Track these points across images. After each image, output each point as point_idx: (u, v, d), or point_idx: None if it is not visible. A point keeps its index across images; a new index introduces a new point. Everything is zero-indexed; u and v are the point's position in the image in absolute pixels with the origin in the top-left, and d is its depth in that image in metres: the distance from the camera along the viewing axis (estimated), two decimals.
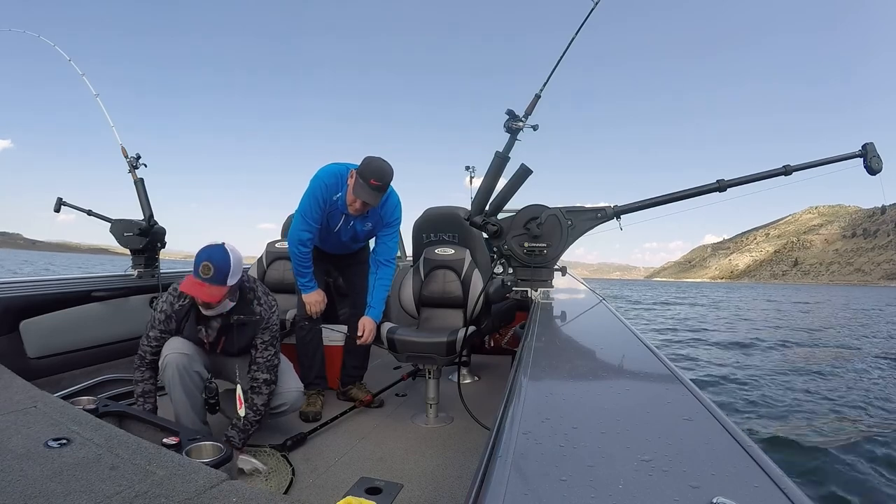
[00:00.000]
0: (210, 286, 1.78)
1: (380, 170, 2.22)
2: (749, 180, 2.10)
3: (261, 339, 1.97)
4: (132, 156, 3.02)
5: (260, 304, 1.99)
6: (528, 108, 2.04)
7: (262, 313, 1.98)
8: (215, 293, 1.79)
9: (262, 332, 1.97)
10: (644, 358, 1.17)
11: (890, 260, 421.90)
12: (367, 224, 2.49)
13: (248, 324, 1.97)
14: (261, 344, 1.98)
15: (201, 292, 1.78)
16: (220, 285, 1.80)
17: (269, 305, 2.01)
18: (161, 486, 0.87)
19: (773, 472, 0.54)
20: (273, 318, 2.01)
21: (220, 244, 1.85)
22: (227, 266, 1.80)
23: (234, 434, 1.89)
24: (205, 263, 1.77)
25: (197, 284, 1.78)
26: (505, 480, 0.53)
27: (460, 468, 1.93)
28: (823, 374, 7.75)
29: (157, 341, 1.96)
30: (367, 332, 2.43)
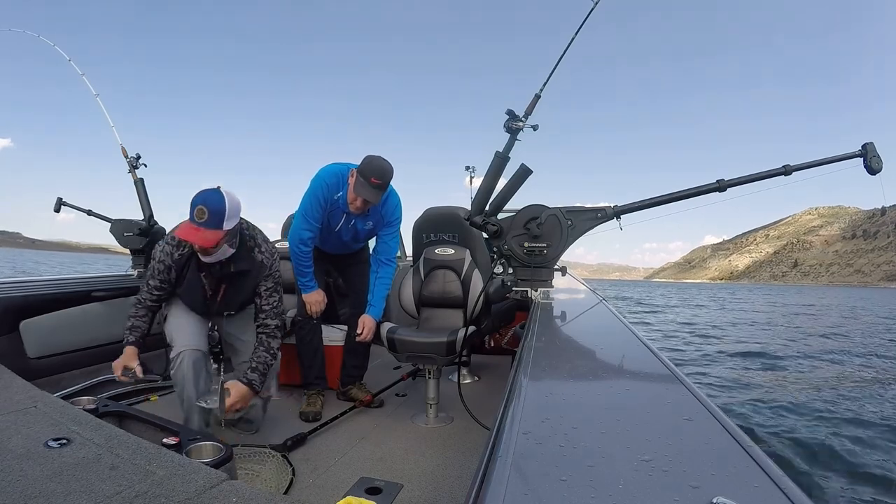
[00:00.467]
0: (206, 230, 1.73)
1: (380, 168, 2.24)
2: (749, 180, 2.10)
3: (264, 286, 1.97)
4: (132, 156, 3.02)
5: (261, 252, 1.96)
6: (528, 108, 2.04)
7: (265, 261, 1.96)
8: (210, 237, 1.75)
9: (266, 280, 1.97)
10: (644, 358, 1.17)
11: (890, 261, 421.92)
12: (369, 223, 2.49)
13: (249, 272, 1.94)
14: (265, 291, 1.97)
15: (197, 237, 1.74)
16: (216, 229, 1.75)
17: (271, 252, 2.00)
18: (161, 486, 0.87)
19: (773, 472, 0.54)
20: (275, 264, 2.00)
21: (215, 188, 1.79)
22: (222, 209, 1.74)
23: (255, 377, 1.89)
24: (199, 207, 1.72)
25: (192, 229, 1.73)
26: (505, 480, 0.53)
27: (460, 468, 1.93)
28: (824, 374, 7.75)
29: (158, 290, 1.94)
30: (366, 330, 2.44)
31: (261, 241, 1.99)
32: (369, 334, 2.45)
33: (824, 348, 11.27)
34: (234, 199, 1.80)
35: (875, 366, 8.72)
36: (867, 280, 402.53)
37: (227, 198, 1.77)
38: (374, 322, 2.48)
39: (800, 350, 10.71)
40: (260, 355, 1.96)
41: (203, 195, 1.75)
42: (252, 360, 1.95)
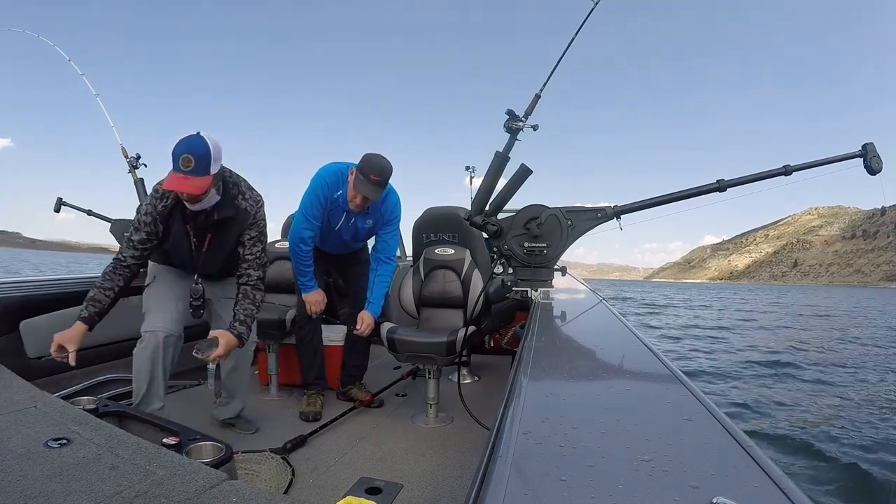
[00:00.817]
0: (194, 178, 1.69)
1: (379, 165, 2.25)
2: (749, 180, 2.10)
3: (248, 234, 1.93)
4: (132, 156, 3.02)
5: (245, 200, 1.92)
6: (528, 108, 2.04)
7: (248, 208, 1.92)
8: (201, 184, 1.71)
9: (250, 228, 1.93)
10: (644, 358, 1.17)
11: (890, 261, 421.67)
12: (368, 221, 2.50)
13: (234, 219, 1.91)
14: (248, 240, 1.94)
15: (186, 185, 1.69)
16: (204, 175, 1.71)
17: (255, 200, 1.96)
18: (161, 486, 0.87)
19: (773, 472, 0.54)
20: (260, 213, 1.96)
21: (195, 134, 1.74)
22: (207, 154, 1.70)
23: (243, 329, 1.88)
24: (185, 156, 1.67)
25: (180, 179, 1.68)
26: (505, 480, 0.53)
27: (460, 468, 1.93)
28: (825, 374, 7.75)
29: (143, 244, 1.87)
30: (364, 325, 2.44)
31: (244, 189, 1.94)
32: (367, 329, 2.45)
33: (827, 348, 11.27)
34: (216, 142, 1.75)
35: (878, 366, 8.72)
36: (867, 280, 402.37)
37: (210, 141, 1.72)
38: (373, 318, 2.48)
39: (800, 350, 10.72)
40: (245, 307, 1.92)
41: (186, 143, 1.70)
42: (238, 312, 1.91)
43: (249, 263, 1.95)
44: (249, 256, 1.95)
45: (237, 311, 1.91)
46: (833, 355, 10.06)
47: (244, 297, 1.94)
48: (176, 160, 1.68)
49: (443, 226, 2.82)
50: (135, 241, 1.86)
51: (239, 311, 1.92)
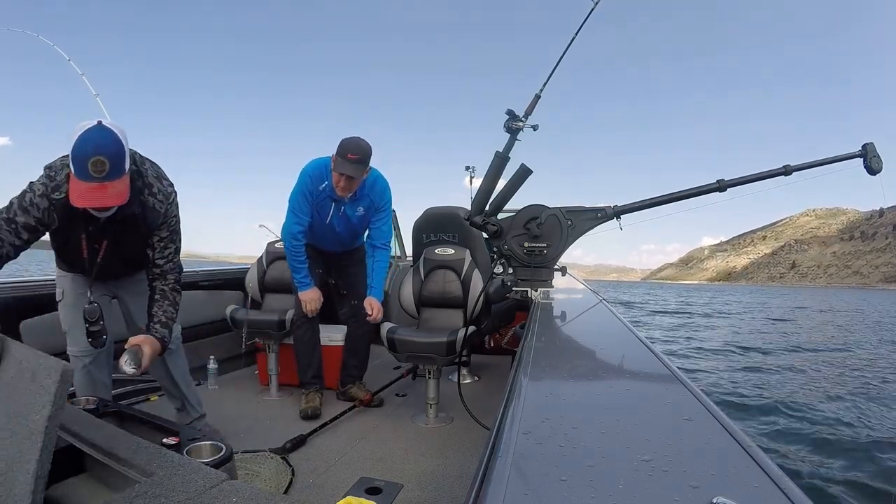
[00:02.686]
0: (112, 184, 1.34)
1: (356, 144, 2.29)
2: (749, 180, 2.10)
3: (158, 235, 1.62)
4: None
5: (153, 195, 1.56)
6: (528, 108, 2.04)
7: (157, 206, 1.57)
8: (120, 189, 1.37)
9: (160, 229, 1.61)
10: (644, 358, 1.17)
11: (888, 263, 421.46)
12: (359, 209, 2.50)
13: (139, 220, 1.55)
14: (158, 242, 1.63)
15: (105, 198, 1.34)
16: (122, 177, 1.37)
17: (165, 195, 1.60)
18: (161, 486, 0.87)
19: (773, 472, 0.54)
20: (171, 209, 1.62)
21: (95, 126, 1.35)
22: (119, 149, 1.35)
23: (165, 332, 1.57)
24: (95, 159, 1.30)
25: (94, 190, 1.32)
26: (505, 480, 0.53)
27: (460, 468, 1.93)
28: (826, 375, 7.75)
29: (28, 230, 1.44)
30: (375, 310, 2.48)
31: (151, 180, 1.56)
32: (379, 314, 2.49)
33: (826, 348, 11.28)
34: (122, 130, 1.40)
35: (880, 366, 8.72)
36: (866, 282, 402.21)
37: (118, 132, 1.37)
38: (379, 303, 2.51)
39: (802, 350, 10.72)
40: (165, 308, 1.62)
41: (93, 143, 1.32)
42: (156, 313, 1.60)
43: (161, 268, 1.65)
44: (160, 260, 1.64)
45: (155, 313, 1.61)
46: (835, 356, 10.06)
47: (162, 297, 1.64)
48: (82, 166, 1.31)
49: (443, 226, 2.82)
50: (19, 223, 1.43)
51: (158, 311, 1.61)
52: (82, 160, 1.31)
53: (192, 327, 2.91)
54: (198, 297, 3.10)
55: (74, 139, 1.33)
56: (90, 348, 1.74)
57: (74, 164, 1.33)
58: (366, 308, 2.48)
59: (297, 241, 2.47)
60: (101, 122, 1.37)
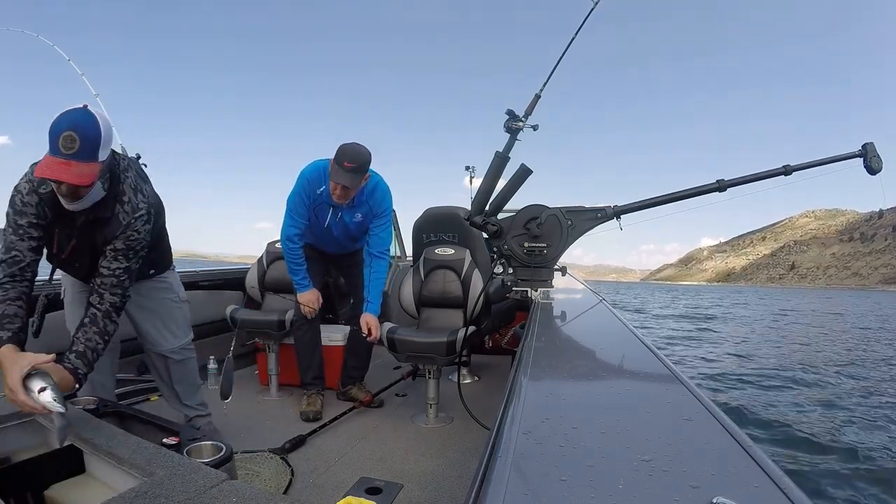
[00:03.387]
0: (78, 164, 1.28)
1: (353, 151, 2.22)
2: (749, 180, 2.10)
3: (112, 245, 1.49)
4: (132, 156, 3.02)
5: (122, 205, 1.49)
6: (528, 108, 2.04)
7: (122, 217, 1.49)
8: (86, 172, 1.30)
9: (115, 239, 1.49)
10: (644, 358, 1.17)
11: (888, 264, 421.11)
12: (357, 215, 2.47)
13: (104, 225, 1.49)
14: (110, 251, 1.49)
15: (68, 173, 1.27)
16: (91, 161, 1.31)
17: (134, 208, 1.51)
18: (161, 486, 0.87)
19: (773, 472, 0.54)
20: (135, 224, 1.51)
21: (79, 107, 1.34)
22: (96, 133, 1.31)
23: (80, 364, 1.37)
24: (67, 134, 1.27)
25: (59, 164, 1.27)
26: (505, 480, 0.53)
27: (460, 468, 1.93)
28: (827, 374, 7.75)
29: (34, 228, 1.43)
30: (374, 329, 2.39)
31: (127, 189, 1.50)
32: (377, 332, 2.40)
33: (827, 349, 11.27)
34: (108, 121, 1.37)
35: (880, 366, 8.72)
36: (865, 283, 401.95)
37: (101, 120, 1.34)
38: (376, 319, 2.46)
39: (801, 350, 10.72)
40: (90, 336, 1.43)
41: (69, 118, 1.29)
42: (79, 339, 1.41)
43: (103, 280, 1.48)
44: (105, 271, 1.48)
45: (76, 339, 1.42)
46: (836, 356, 10.06)
47: (91, 322, 1.45)
48: (54, 139, 1.27)
49: (443, 226, 2.82)
50: (23, 226, 1.42)
51: (80, 338, 1.42)
52: (55, 133, 1.28)
53: (192, 327, 2.90)
54: (198, 297, 3.09)
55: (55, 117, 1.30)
56: None
57: (49, 137, 1.28)
58: (362, 327, 2.39)
59: (293, 243, 2.45)
60: (86, 106, 1.34)
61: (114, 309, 1.49)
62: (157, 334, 1.90)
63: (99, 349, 1.44)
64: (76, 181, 1.30)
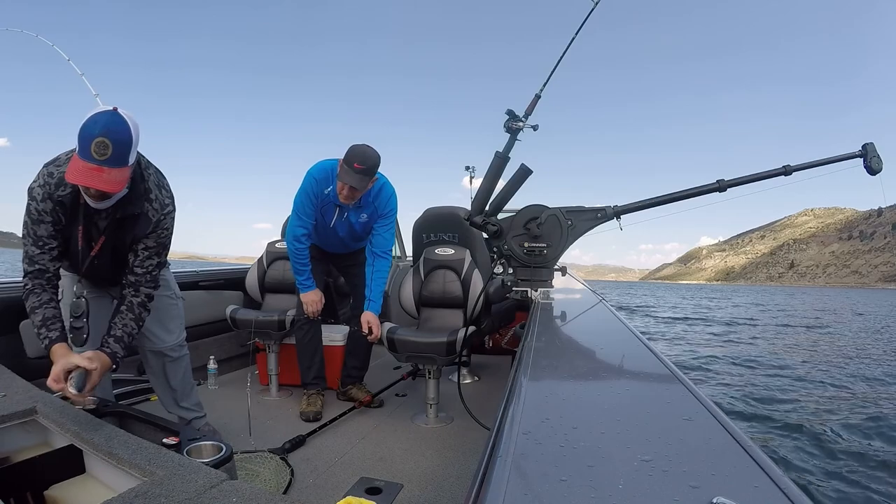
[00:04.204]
0: (110, 171, 1.30)
1: (362, 153, 2.22)
2: (749, 180, 2.10)
3: (143, 244, 1.56)
4: None
5: (150, 202, 1.54)
6: (528, 109, 2.04)
7: (151, 214, 1.54)
8: (118, 178, 1.33)
9: (147, 238, 1.56)
10: (644, 358, 1.17)
11: (887, 262, 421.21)
12: (363, 215, 2.48)
13: (133, 222, 1.53)
14: (143, 251, 1.57)
15: (101, 181, 1.30)
16: (122, 167, 1.33)
17: (162, 205, 1.57)
18: (161, 486, 0.87)
19: (773, 472, 0.54)
20: (165, 221, 1.58)
21: (109, 110, 1.35)
22: (127, 138, 1.33)
23: (118, 348, 1.49)
24: (100, 140, 1.28)
25: (92, 171, 1.29)
26: (505, 480, 0.53)
27: (460, 468, 1.93)
28: (827, 374, 7.75)
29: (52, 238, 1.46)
30: (374, 328, 2.38)
31: (152, 186, 1.54)
32: (378, 331, 2.39)
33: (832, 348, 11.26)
34: (136, 123, 1.38)
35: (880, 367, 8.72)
36: (864, 281, 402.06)
37: (131, 123, 1.35)
38: (377, 318, 2.45)
39: (802, 350, 10.72)
40: (126, 322, 1.54)
41: (101, 122, 1.30)
42: (115, 325, 1.52)
43: (138, 278, 1.58)
44: (139, 270, 1.57)
45: (114, 325, 1.53)
46: (837, 356, 10.06)
47: (128, 309, 1.56)
48: (86, 144, 1.28)
49: (443, 226, 2.82)
50: (42, 237, 1.46)
51: (117, 324, 1.53)
52: (87, 138, 1.29)
53: (192, 327, 2.90)
54: (198, 297, 3.10)
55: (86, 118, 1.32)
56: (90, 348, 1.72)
57: (79, 142, 1.30)
58: (363, 326, 2.38)
59: (300, 243, 2.45)
60: (116, 109, 1.36)
61: (148, 300, 1.61)
62: (154, 331, 1.90)
63: (134, 333, 1.56)
64: (109, 188, 1.32)
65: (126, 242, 1.57)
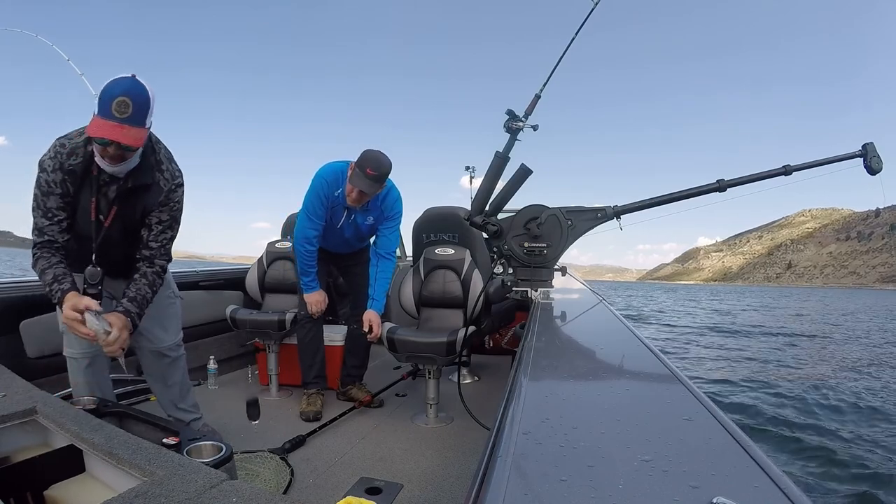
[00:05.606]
0: (129, 128, 1.38)
1: (376, 160, 2.25)
2: (749, 180, 2.10)
3: (157, 217, 1.62)
4: None
5: (161, 172, 1.60)
6: (528, 109, 2.04)
7: (163, 184, 1.60)
8: (137, 136, 1.40)
9: (161, 210, 1.62)
10: (644, 358, 1.17)
11: (885, 263, 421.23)
12: (369, 218, 2.50)
13: (148, 191, 1.59)
14: (156, 224, 1.63)
15: (122, 135, 1.37)
16: (140, 127, 1.41)
17: (173, 175, 1.64)
18: (161, 486, 0.87)
19: (772, 472, 0.54)
20: (175, 194, 1.65)
21: (129, 76, 1.42)
22: (146, 100, 1.41)
23: (133, 308, 1.57)
24: (121, 99, 1.36)
25: (113, 127, 1.36)
26: (505, 480, 0.53)
27: (460, 468, 1.93)
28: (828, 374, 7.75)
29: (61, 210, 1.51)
30: (374, 326, 2.40)
31: (163, 159, 1.62)
32: (378, 330, 2.41)
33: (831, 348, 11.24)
34: (153, 90, 1.45)
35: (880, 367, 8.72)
36: (862, 282, 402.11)
37: (148, 87, 1.42)
38: (379, 317, 2.47)
39: (802, 350, 10.71)
40: (140, 287, 1.61)
41: (122, 84, 1.38)
42: (128, 291, 1.60)
43: (153, 252, 1.64)
44: (154, 244, 1.64)
45: (128, 290, 1.60)
46: (837, 356, 10.05)
47: (141, 276, 1.63)
48: (107, 104, 1.36)
49: (443, 226, 2.82)
50: (51, 209, 1.51)
51: (131, 289, 1.60)
52: (108, 98, 1.36)
53: (192, 327, 2.90)
54: (198, 297, 3.10)
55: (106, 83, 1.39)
56: (89, 350, 1.72)
57: (100, 102, 1.37)
58: (363, 323, 2.40)
59: (311, 245, 2.46)
60: (134, 75, 1.42)
61: (162, 270, 1.68)
62: (153, 330, 1.90)
63: (148, 297, 1.63)
64: (130, 142, 1.40)
65: (137, 214, 1.61)
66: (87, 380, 1.77)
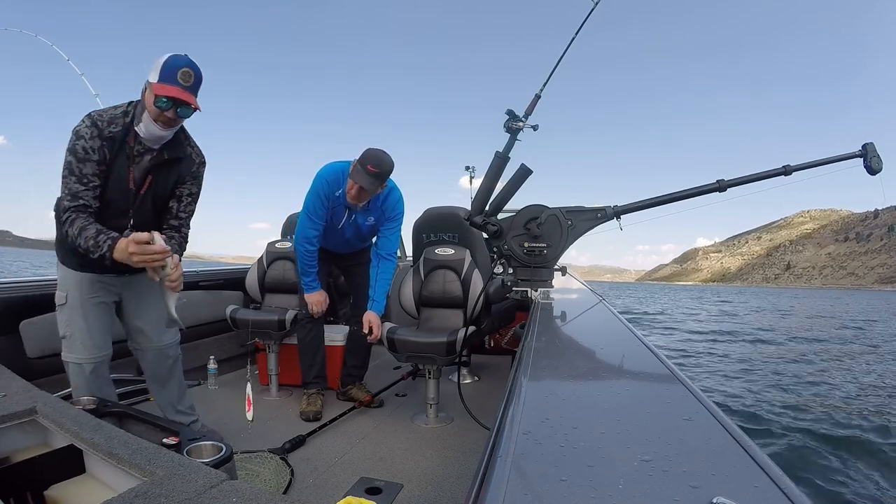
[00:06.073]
0: (191, 95, 1.58)
1: (377, 157, 2.24)
2: (749, 180, 2.10)
3: (186, 189, 1.80)
4: None
5: (191, 146, 1.80)
6: (528, 109, 2.04)
7: (194, 157, 1.80)
8: (194, 101, 1.60)
9: (191, 183, 1.81)
10: (644, 358, 1.17)
11: (884, 264, 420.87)
12: (370, 218, 2.50)
13: (180, 162, 1.75)
14: (186, 196, 1.80)
15: (189, 98, 1.57)
16: (196, 96, 1.61)
17: (199, 152, 1.83)
18: (161, 486, 0.87)
19: (773, 472, 0.54)
20: (201, 169, 1.83)
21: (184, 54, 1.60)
22: (201, 77, 1.60)
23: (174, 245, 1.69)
24: (185, 70, 1.55)
25: (181, 90, 1.56)
26: (505, 480, 0.53)
27: (460, 468, 1.93)
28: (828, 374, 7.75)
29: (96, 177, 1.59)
30: (374, 328, 2.40)
31: (190, 136, 1.81)
32: (378, 331, 2.41)
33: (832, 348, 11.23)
34: None
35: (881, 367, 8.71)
36: (861, 283, 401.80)
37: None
38: (379, 318, 2.46)
39: (802, 349, 10.71)
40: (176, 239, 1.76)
41: (183, 58, 1.57)
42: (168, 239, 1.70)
43: (182, 221, 1.80)
44: (183, 214, 1.80)
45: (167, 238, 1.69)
46: (837, 355, 10.05)
47: (175, 236, 1.77)
48: (173, 72, 1.54)
49: (443, 226, 2.82)
50: (87, 174, 1.57)
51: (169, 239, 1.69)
52: (174, 68, 1.54)
53: (192, 327, 2.90)
54: (198, 297, 3.10)
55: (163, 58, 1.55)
56: (91, 356, 1.73)
57: (164, 71, 1.54)
58: (364, 325, 2.40)
59: (311, 245, 2.46)
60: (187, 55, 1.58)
61: (186, 238, 1.81)
62: (154, 329, 1.91)
63: (178, 250, 1.71)
64: (195, 104, 1.59)
65: (169, 185, 1.75)
66: (88, 388, 1.76)
